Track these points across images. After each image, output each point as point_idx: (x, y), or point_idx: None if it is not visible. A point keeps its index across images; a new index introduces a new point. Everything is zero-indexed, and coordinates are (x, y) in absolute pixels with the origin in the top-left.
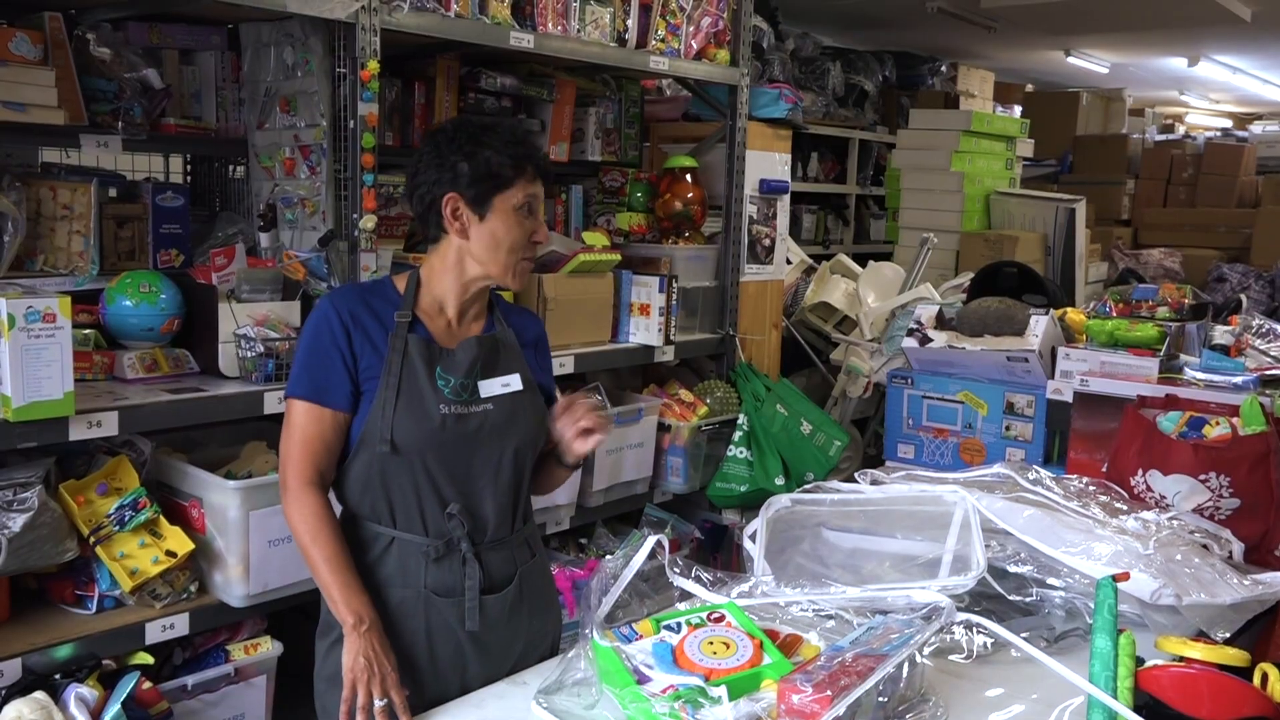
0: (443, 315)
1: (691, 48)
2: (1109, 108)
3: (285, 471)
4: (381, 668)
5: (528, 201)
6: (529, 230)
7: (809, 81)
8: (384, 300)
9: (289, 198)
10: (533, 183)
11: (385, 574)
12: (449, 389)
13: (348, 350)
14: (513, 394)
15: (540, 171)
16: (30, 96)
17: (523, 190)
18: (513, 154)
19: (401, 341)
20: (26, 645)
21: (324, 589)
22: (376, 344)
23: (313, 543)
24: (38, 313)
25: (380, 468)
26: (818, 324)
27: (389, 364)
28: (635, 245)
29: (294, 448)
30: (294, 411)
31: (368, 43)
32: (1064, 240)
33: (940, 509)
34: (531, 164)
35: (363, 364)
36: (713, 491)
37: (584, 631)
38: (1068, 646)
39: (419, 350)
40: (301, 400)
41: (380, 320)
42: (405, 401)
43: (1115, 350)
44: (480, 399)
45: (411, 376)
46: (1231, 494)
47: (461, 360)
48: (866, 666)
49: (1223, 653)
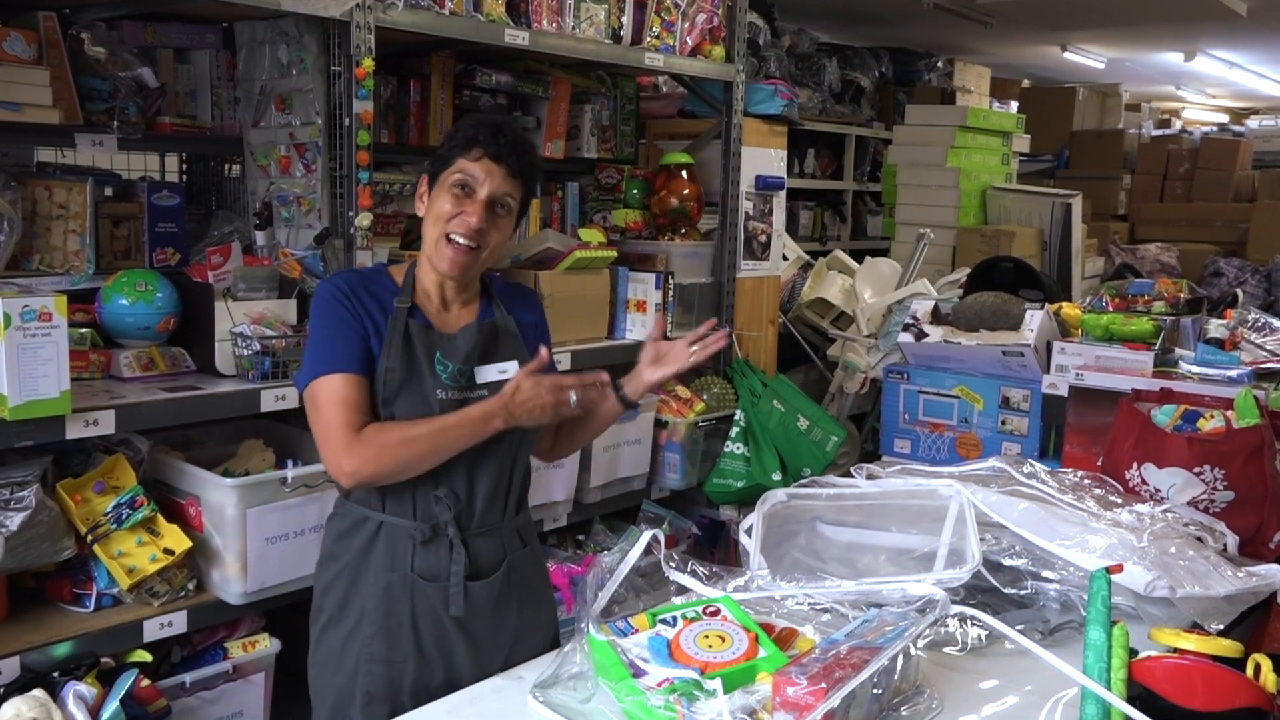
0: (434, 303)
1: (687, 44)
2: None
3: (334, 439)
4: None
5: (465, 180)
6: (459, 209)
7: (805, 78)
8: (380, 286)
9: (285, 196)
10: (476, 162)
11: (373, 558)
12: (447, 374)
13: (359, 316)
14: (508, 380)
15: (495, 156)
16: (25, 96)
17: (461, 167)
18: (466, 133)
19: (401, 324)
20: (24, 643)
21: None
22: (377, 325)
23: (413, 431)
24: (34, 312)
25: None
26: (814, 320)
27: (388, 347)
28: (631, 242)
29: (334, 411)
30: (322, 388)
31: (362, 40)
32: (1060, 235)
33: (935, 503)
34: (482, 145)
35: (371, 338)
36: (710, 487)
37: (580, 626)
38: (1062, 639)
39: (419, 334)
40: (328, 376)
41: (378, 303)
42: (402, 386)
43: (1110, 344)
44: (477, 385)
45: (411, 361)
46: (1226, 487)
47: (461, 346)
48: (861, 659)
49: (1216, 644)
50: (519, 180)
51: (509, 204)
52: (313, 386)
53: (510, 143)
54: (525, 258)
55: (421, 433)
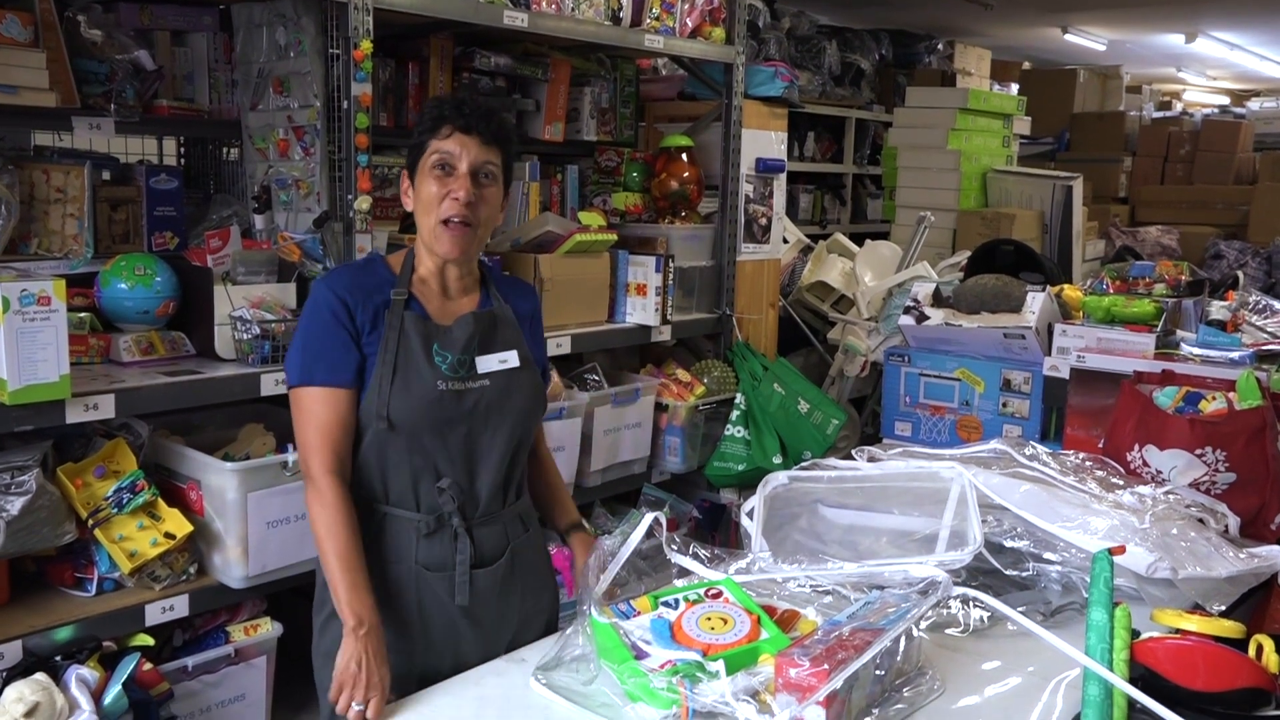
0: (433, 291)
1: (686, 26)
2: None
3: (308, 461)
4: (370, 675)
5: (442, 159)
6: (445, 188)
7: (805, 60)
8: (377, 278)
9: (283, 179)
10: (448, 139)
11: (378, 550)
12: (446, 365)
13: (351, 326)
14: (509, 370)
15: (465, 128)
16: (21, 79)
17: (436, 148)
18: (431, 114)
19: (398, 319)
20: (26, 627)
21: (331, 584)
22: (375, 321)
23: (328, 535)
24: (32, 296)
25: (377, 445)
26: (815, 303)
27: (385, 341)
28: (631, 225)
29: (313, 436)
30: (307, 399)
31: (360, 22)
32: (1061, 218)
33: (937, 485)
34: (449, 121)
35: (364, 340)
36: (710, 471)
37: (582, 608)
38: (1064, 620)
39: (415, 327)
40: (313, 386)
41: (375, 297)
42: (402, 379)
43: (1112, 326)
44: (477, 375)
45: (408, 353)
46: (1227, 468)
47: (459, 336)
48: (864, 641)
49: (1218, 625)
50: (495, 147)
51: (491, 171)
52: (299, 391)
53: (476, 112)
54: (525, 241)
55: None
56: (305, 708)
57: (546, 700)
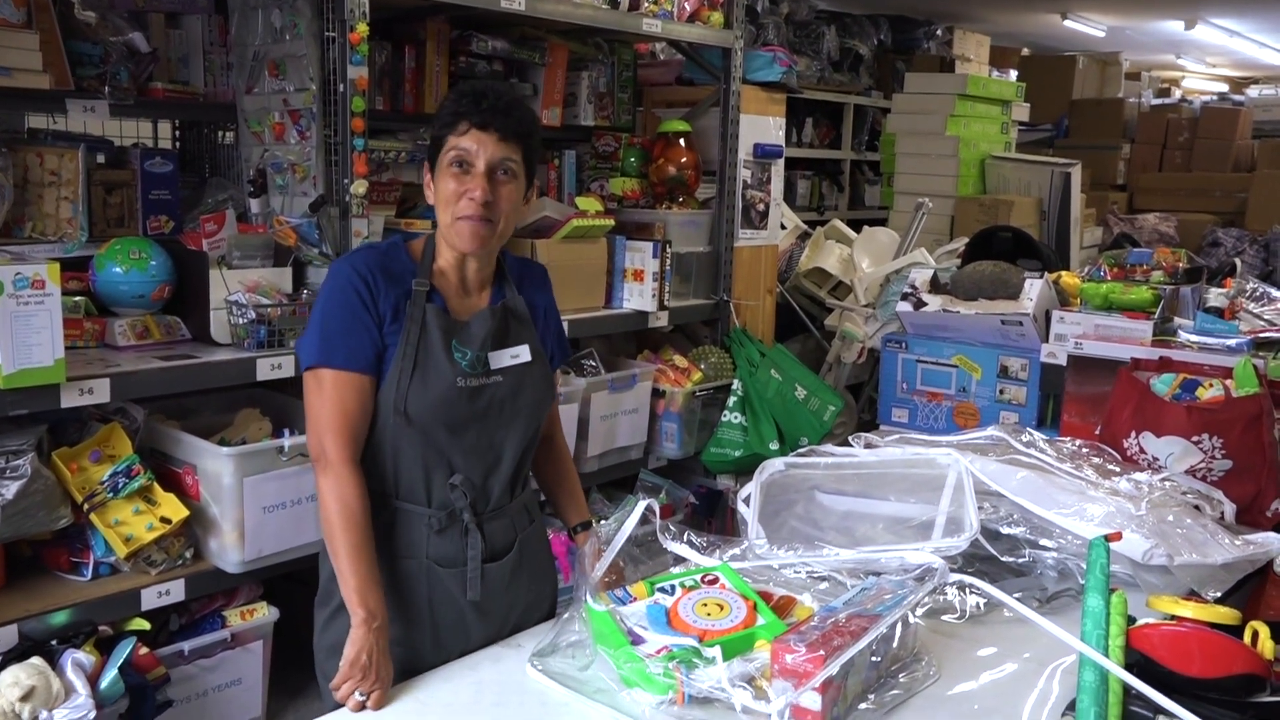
0: (452, 284)
1: (685, 10)
2: (1105, 72)
3: (324, 444)
4: (377, 671)
5: (459, 156)
6: (462, 187)
7: (803, 45)
8: (399, 265)
9: (279, 163)
10: (465, 136)
11: (388, 544)
12: (465, 361)
13: (374, 309)
14: (521, 365)
15: (482, 125)
16: (15, 61)
17: (453, 145)
18: (449, 109)
19: (420, 311)
20: (22, 612)
21: (341, 576)
22: (396, 311)
23: (343, 527)
24: (26, 279)
25: (391, 438)
26: (812, 289)
27: (407, 334)
28: (629, 210)
29: (334, 420)
30: (325, 382)
31: (356, 5)
32: (1059, 205)
33: (934, 472)
34: (466, 118)
35: (386, 327)
36: (707, 457)
37: (578, 595)
38: (1060, 606)
39: (437, 321)
40: (334, 369)
41: (397, 285)
42: (421, 373)
43: (1109, 313)
44: (491, 371)
45: (428, 348)
46: (1224, 455)
47: (476, 333)
48: (860, 627)
49: (1214, 611)
50: (514, 142)
51: (510, 168)
52: (316, 372)
53: (494, 107)
54: (522, 226)
55: (337, 536)
56: (302, 692)
57: (543, 686)
